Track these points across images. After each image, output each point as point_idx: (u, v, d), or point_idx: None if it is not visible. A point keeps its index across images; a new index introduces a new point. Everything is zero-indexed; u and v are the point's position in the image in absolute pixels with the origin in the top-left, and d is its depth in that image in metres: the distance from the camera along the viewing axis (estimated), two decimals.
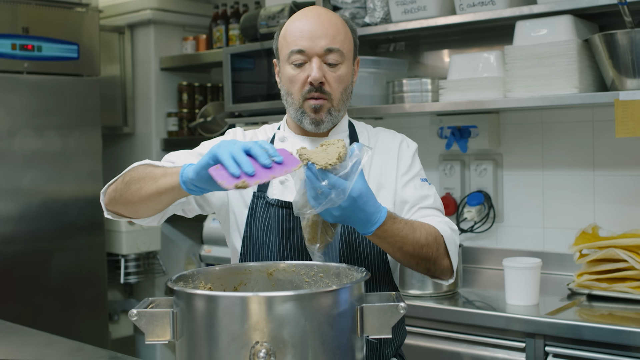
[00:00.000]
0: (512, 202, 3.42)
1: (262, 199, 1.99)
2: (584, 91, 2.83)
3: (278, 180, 2.00)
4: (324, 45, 1.92)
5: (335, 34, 1.94)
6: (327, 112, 1.97)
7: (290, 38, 1.95)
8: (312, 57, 1.93)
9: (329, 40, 1.93)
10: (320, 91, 1.94)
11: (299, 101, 1.96)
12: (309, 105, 1.95)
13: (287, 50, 1.95)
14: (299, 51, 1.92)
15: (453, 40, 3.59)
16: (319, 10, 1.99)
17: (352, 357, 1.47)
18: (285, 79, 1.98)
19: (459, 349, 2.73)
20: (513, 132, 3.40)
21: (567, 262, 3.13)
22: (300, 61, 1.93)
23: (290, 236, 1.94)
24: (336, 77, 1.96)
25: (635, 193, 3.09)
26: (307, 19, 1.95)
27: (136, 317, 1.50)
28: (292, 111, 2.00)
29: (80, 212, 4.19)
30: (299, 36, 1.93)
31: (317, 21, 1.94)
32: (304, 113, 1.97)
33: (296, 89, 1.95)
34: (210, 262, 3.99)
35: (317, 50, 1.92)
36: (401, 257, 1.84)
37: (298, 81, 1.94)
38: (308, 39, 1.92)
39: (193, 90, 4.90)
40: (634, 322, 2.43)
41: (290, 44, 1.94)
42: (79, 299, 4.18)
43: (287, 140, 2.07)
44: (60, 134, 4.11)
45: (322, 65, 1.94)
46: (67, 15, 4.16)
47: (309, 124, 1.98)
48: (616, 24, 2.88)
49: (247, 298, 1.40)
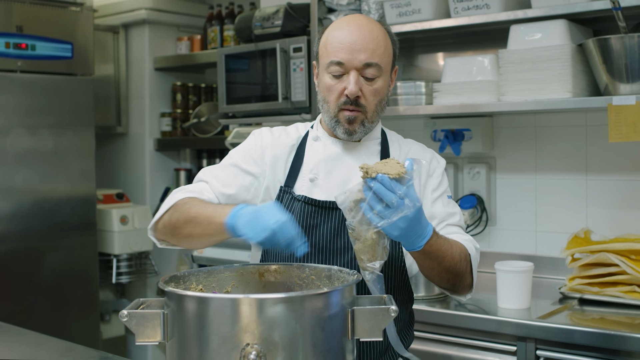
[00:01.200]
0: (504, 205, 3.43)
1: (289, 193, 2.03)
2: (577, 96, 2.83)
3: (307, 177, 2.03)
4: (362, 60, 1.94)
5: (375, 47, 1.95)
6: (361, 124, 2.00)
7: (331, 48, 1.96)
8: (350, 70, 1.94)
9: (368, 54, 1.94)
10: (356, 104, 1.97)
11: (334, 110, 1.99)
12: (344, 116, 1.98)
13: (326, 59, 1.98)
14: (337, 63, 1.94)
15: (447, 44, 3.59)
16: (361, 21, 1.99)
17: (343, 359, 1.47)
18: (323, 86, 2.00)
19: (451, 352, 2.73)
20: (506, 136, 3.40)
21: (559, 266, 3.13)
22: (339, 73, 1.95)
23: (314, 233, 1.97)
24: (372, 91, 1.98)
25: (627, 198, 3.09)
26: (349, 30, 1.96)
27: (127, 318, 1.50)
28: (326, 118, 2.03)
29: (72, 211, 4.18)
30: (339, 47, 1.94)
31: (358, 33, 1.95)
32: (338, 122, 2.00)
33: (332, 98, 1.98)
34: (202, 263, 3.98)
35: (355, 64, 1.94)
36: (438, 272, 1.89)
37: (335, 91, 1.97)
38: (348, 52, 1.93)
39: (187, 91, 4.89)
40: (626, 327, 2.44)
41: (330, 54, 1.96)
42: (71, 298, 4.17)
43: (320, 140, 2.10)
44: (53, 133, 4.10)
45: (360, 78, 1.96)
46: (61, 14, 4.15)
47: (342, 133, 2.01)
48: (610, 29, 2.89)
49: (238, 300, 1.40)
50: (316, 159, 2.05)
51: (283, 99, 3.57)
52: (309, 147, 2.08)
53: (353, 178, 1.98)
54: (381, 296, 1.56)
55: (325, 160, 2.04)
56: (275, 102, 3.61)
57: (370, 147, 2.09)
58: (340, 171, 2.03)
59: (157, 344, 2.86)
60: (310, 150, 2.08)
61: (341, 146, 2.06)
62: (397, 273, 2.02)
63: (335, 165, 2.04)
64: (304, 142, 2.10)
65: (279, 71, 3.56)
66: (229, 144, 3.99)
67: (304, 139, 2.11)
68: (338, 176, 2.02)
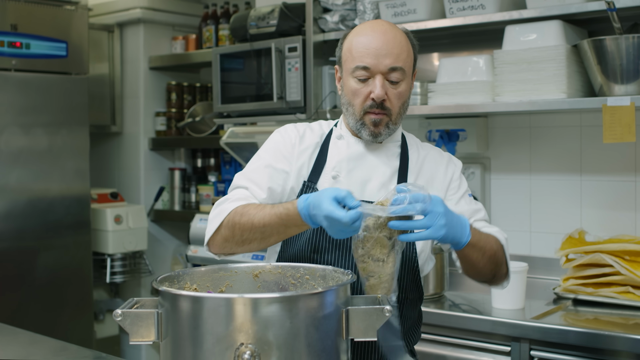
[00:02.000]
0: (499, 206, 3.43)
1: (312, 189, 2.07)
2: (572, 96, 2.84)
3: (330, 175, 2.08)
4: (388, 64, 1.99)
5: (399, 52, 2.01)
6: (385, 126, 2.06)
7: (356, 53, 2.01)
8: (376, 75, 2.00)
9: (393, 59, 2.00)
10: (381, 107, 2.02)
11: (359, 113, 2.05)
12: (370, 119, 2.04)
13: (352, 64, 2.03)
14: (363, 67, 2.00)
15: (443, 44, 3.59)
16: (385, 27, 2.05)
17: (337, 359, 1.47)
18: (348, 90, 2.05)
19: (445, 352, 2.73)
20: (501, 136, 3.41)
21: (554, 267, 3.13)
22: (364, 77, 2.01)
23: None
24: (397, 94, 2.03)
25: (621, 198, 3.10)
26: (374, 35, 2.01)
27: (121, 318, 1.50)
28: (351, 121, 2.08)
29: (66, 210, 4.17)
30: (365, 53, 2.00)
31: (383, 39, 2.01)
32: (363, 125, 2.06)
33: (358, 102, 2.03)
34: (196, 262, 3.98)
35: (381, 68, 1.99)
36: (483, 264, 1.98)
37: (361, 95, 2.02)
38: (373, 57, 1.99)
39: (182, 90, 4.88)
40: (619, 327, 2.44)
41: (355, 59, 2.01)
42: (65, 298, 4.16)
43: (344, 138, 2.14)
44: (47, 132, 4.09)
45: (385, 82, 2.01)
46: (56, 13, 4.14)
47: (367, 135, 2.07)
48: (605, 30, 2.89)
49: (233, 299, 1.40)
50: (339, 157, 2.10)
51: (278, 98, 3.57)
52: (333, 145, 2.13)
53: (373, 177, 2.08)
54: (375, 296, 1.56)
55: (348, 159, 2.09)
56: (270, 102, 3.61)
57: (391, 148, 2.14)
58: (362, 170, 2.09)
59: (151, 344, 2.85)
60: (333, 148, 2.12)
61: (364, 146, 2.12)
62: (410, 273, 2.06)
63: (357, 164, 2.09)
64: (327, 140, 2.14)
65: (274, 71, 3.56)
66: (224, 144, 3.99)
67: (328, 136, 2.16)
68: (359, 175, 2.08)
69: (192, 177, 4.83)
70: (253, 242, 1.91)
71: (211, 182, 4.66)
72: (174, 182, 4.83)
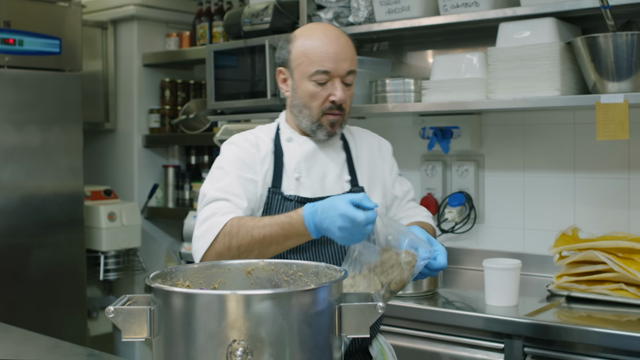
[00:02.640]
0: (493, 203, 3.43)
1: (278, 194, 2.13)
2: (565, 94, 2.84)
3: (292, 177, 2.15)
4: (346, 68, 2.12)
5: (352, 56, 2.15)
6: (340, 126, 2.19)
7: (315, 57, 2.10)
8: (335, 78, 2.11)
9: (350, 63, 2.13)
10: (339, 108, 2.15)
11: (317, 115, 2.15)
12: (328, 120, 2.15)
13: (310, 68, 2.11)
14: (324, 72, 2.10)
15: (437, 41, 3.59)
16: (336, 32, 2.16)
17: (330, 356, 1.47)
18: (305, 93, 2.14)
19: (438, 349, 2.73)
20: (495, 134, 3.41)
21: (547, 264, 3.14)
22: (324, 80, 2.11)
23: None
24: (350, 95, 2.18)
25: (615, 196, 3.10)
26: (329, 40, 2.12)
27: (113, 315, 1.49)
28: (306, 122, 2.17)
29: (59, 207, 4.16)
30: (325, 57, 2.09)
31: (338, 43, 2.12)
32: (320, 126, 2.16)
33: (316, 104, 2.13)
34: (190, 259, 3.96)
35: (340, 72, 2.11)
36: None
37: (320, 98, 2.13)
38: (333, 61, 2.09)
39: (176, 87, 4.88)
40: (613, 324, 2.45)
41: (314, 63, 2.10)
42: (58, 295, 4.15)
43: (293, 140, 2.22)
44: (40, 129, 4.08)
45: (342, 85, 2.12)
46: (49, 10, 4.12)
47: (324, 135, 2.18)
48: (599, 27, 2.89)
49: (225, 296, 1.39)
50: (296, 159, 2.17)
51: (272, 95, 3.56)
52: (285, 149, 2.19)
53: (328, 172, 2.19)
54: (368, 293, 1.56)
55: (304, 159, 2.17)
56: (264, 99, 3.61)
57: (336, 142, 2.26)
58: (317, 167, 2.18)
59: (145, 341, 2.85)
60: (287, 151, 2.19)
61: (313, 144, 2.21)
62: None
63: (313, 163, 2.18)
64: (278, 144, 2.20)
65: (268, 68, 3.55)
66: (218, 141, 3.98)
67: (277, 141, 2.21)
68: (316, 172, 2.17)
69: (186, 174, 4.83)
70: (250, 255, 1.94)
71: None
72: (168, 179, 4.83)
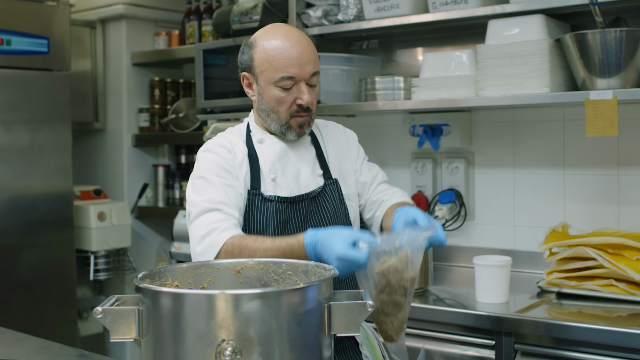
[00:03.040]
0: (483, 200, 3.43)
1: (258, 195, 2.16)
2: (555, 90, 2.84)
3: (269, 178, 2.18)
4: (310, 71, 2.14)
5: (314, 57, 2.17)
6: (308, 125, 2.23)
7: (279, 64, 2.11)
8: (300, 82, 2.13)
9: (312, 65, 2.15)
10: (306, 110, 2.18)
11: (285, 118, 2.18)
12: (296, 122, 2.19)
13: (274, 74, 2.12)
14: (289, 77, 2.12)
15: (426, 39, 3.59)
16: (297, 35, 2.16)
17: (320, 354, 1.46)
18: (271, 99, 2.16)
19: (429, 346, 2.73)
20: (485, 131, 3.41)
21: (537, 260, 3.14)
22: (289, 86, 2.13)
23: (288, 226, 2.17)
24: (315, 95, 2.20)
25: (604, 192, 3.11)
26: (291, 44, 2.13)
27: (101, 315, 1.48)
28: (275, 125, 2.20)
29: (49, 208, 4.14)
30: (289, 63, 2.11)
31: (300, 47, 2.13)
32: (289, 128, 2.20)
33: (284, 109, 2.16)
34: (180, 259, 3.96)
35: (304, 76, 2.13)
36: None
37: (286, 103, 2.15)
38: (297, 66, 2.11)
39: (165, 86, 4.86)
40: (603, 320, 2.45)
41: (279, 70, 2.12)
42: (48, 296, 4.13)
43: (265, 141, 2.24)
44: (29, 129, 4.06)
45: (307, 87, 2.15)
46: (37, 9, 4.10)
47: (293, 136, 2.22)
48: (587, 24, 2.89)
49: (214, 296, 1.39)
50: (270, 160, 2.21)
51: None
52: (258, 150, 2.22)
53: (302, 169, 2.23)
54: (358, 291, 1.56)
55: (278, 159, 2.21)
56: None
57: (305, 138, 2.28)
58: (291, 166, 2.22)
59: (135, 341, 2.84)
60: (260, 153, 2.22)
61: (283, 143, 2.25)
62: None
63: (286, 162, 2.22)
64: (250, 147, 2.23)
65: None
66: (207, 140, 3.97)
67: (249, 143, 2.24)
68: (291, 170, 2.21)
69: (176, 173, 4.81)
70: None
71: None
72: (158, 178, 4.81)
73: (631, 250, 2.66)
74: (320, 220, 2.21)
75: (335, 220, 2.23)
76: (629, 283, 2.64)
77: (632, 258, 2.63)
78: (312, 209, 2.21)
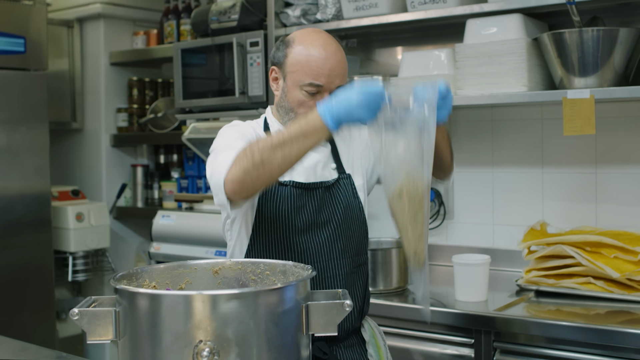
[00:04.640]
0: (462, 199, 3.44)
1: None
2: (533, 89, 2.85)
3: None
4: (337, 84, 2.15)
5: (345, 72, 2.18)
6: None
7: (310, 70, 2.12)
8: (325, 92, 2.13)
9: (341, 79, 2.16)
10: None
11: None
12: None
13: (303, 78, 2.13)
14: (317, 85, 2.12)
15: (405, 38, 3.59)
16: (334, 46, 2.17)
17: (298, 354, 1.46)
18: (294, 99, 2.16)
19: (408, 346, 2.73)
20: (463, 130, 3.42)
21: (516, 259, 3.15)
22: (314, 92, 2.13)
23: (301, 212, 2.16)
24: None
25: (582, 190, 3.13)
26: (327, 56, 2.13)
27: (78, 317, 1.47)
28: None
29: (26, 208, 4.10)
30: (320, 72, 2.12)
31: (335, 59, 2.14)
32: None
33: (303, 111, 2.14)
34: (159, 259, 3.94)
35: (331, 87, 2.13)
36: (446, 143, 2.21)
37: (307, 106, 2.14)
38: (327, 77, 2.12)
39: (143, 86, 4.83)
40: (581, 318, 2.46)
41: (309, 76, 2.12)
42: (26, 297, 4.10)
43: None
44: (5, 129, 4.02)
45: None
46: (13, 8, 4.06)
47: None
48: (565, 23, 2.91)
49: (191, 296, 1.38)
50: None
51: (240, 93, 3.55)
52: None
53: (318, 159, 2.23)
54: (336, 291, 1.55)
55: None
56: (232, 97, 3.59)
57: None
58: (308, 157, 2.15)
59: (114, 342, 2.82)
60: None
61: None
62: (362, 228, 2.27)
63: None
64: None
65: (236, 66, 3.54)
66: (186, 140, 3.96)
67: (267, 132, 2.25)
68: (307, 161, 2.19)
69: (155, 173, 4.79)
70: (274, 162, 1.88)
71: (174, 179, 4.62)
72: (137, 178, 4.78)
73: (609, 248, 2.67)
74: (334, 210, 2.21)
75: (349, 211, 2.23)
76: (607, 281, 2.66)
77: (610, 256, 2.65)
78: (327, 198, 2.21)
